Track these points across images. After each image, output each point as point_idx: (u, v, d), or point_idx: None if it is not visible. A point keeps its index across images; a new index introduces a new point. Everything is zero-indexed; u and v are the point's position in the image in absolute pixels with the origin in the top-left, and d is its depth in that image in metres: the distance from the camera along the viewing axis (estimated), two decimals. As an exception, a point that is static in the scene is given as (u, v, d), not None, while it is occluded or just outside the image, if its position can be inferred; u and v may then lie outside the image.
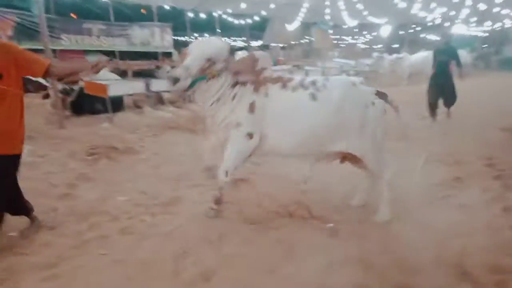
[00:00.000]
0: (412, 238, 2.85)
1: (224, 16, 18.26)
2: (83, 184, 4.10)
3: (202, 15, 17.37)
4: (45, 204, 3.48)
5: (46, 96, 7.91)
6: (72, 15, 14.27)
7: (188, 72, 2.90)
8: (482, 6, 15.64)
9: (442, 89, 6.98)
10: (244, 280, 2.44)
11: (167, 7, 15.45)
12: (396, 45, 23.92)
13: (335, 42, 24.72)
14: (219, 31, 20.47)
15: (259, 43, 23.83)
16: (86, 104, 7.49)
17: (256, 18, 18.98)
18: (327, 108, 3.03)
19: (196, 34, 26.83)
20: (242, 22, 19.53)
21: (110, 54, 14.53)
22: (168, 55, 15.71)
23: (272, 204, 3.43)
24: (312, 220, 3.18)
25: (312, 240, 2.87)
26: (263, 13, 17.83)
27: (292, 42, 21.33)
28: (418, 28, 24.42)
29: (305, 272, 2.49)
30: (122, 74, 12.55)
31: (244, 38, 24.17)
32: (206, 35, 26.83)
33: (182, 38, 21.40)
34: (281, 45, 22.17)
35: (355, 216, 3.27)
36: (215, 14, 17.53)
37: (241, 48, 17.63)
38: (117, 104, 7.41)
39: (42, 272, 2.53)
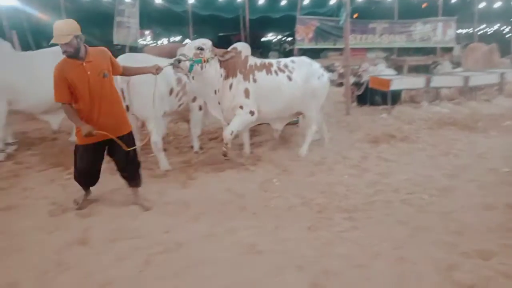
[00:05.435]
0: None
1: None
2: (368, 161, 4.97)
3: (498, 3, 15.36)
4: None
5: (340, 85, 9.48)
6: (355, 16, 15.76)
7: (186, 56, 3.95)
8: None
9: None
10: None
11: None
12: None
13: None
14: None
15: None
16: (368, 96, 8.49)
17: None
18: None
19: (484, 25, 23.83)
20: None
21: (388, 50, 15.28)
22: (448, 50, 14.92)
23: None
24: None
25: None
26: None
27: None
28: None
29: None
30: (397, 69, 13.13)
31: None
32: (497, 25, 23.40)
33: (469, 30, 19.57)
34: None
35: None
36: (514, 0, 15.15)
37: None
38: (395, 97, 8.02)
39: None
